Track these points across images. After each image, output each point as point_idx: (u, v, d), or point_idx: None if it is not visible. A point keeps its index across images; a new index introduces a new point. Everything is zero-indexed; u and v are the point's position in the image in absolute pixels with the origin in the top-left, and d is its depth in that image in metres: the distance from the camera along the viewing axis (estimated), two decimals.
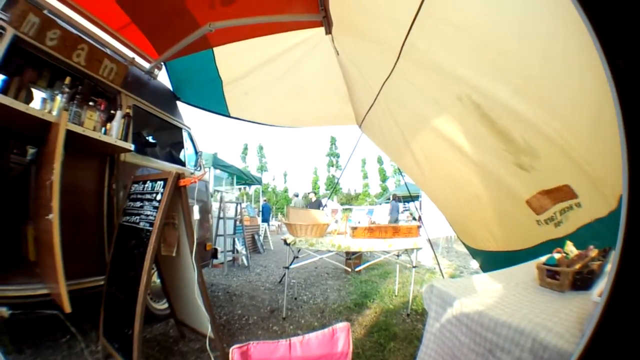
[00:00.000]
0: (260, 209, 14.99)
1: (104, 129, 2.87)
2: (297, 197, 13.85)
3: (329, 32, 3.31)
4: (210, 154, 9.28)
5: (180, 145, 4.60)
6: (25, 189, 2.94)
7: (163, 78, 4.30)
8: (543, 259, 1.71)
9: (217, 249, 5.06)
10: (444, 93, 2.47)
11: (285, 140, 66.93)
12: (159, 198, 2.27)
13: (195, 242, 2.30)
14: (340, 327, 1.55)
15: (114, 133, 2.91)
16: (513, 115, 2.05)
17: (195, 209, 2.52)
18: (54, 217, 2.11)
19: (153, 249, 2.13)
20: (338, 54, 3.58)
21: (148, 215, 2.31)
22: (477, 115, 2.29)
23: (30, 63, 2.60)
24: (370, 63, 3.17)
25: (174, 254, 2.46)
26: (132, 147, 3.09)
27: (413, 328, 3.37)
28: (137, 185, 2.61)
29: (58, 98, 2.48)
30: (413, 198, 8.34)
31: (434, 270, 6.46)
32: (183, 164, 4.47)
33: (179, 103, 4.62)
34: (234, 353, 1.33)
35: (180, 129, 4.44)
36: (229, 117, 5.01)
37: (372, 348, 2.89)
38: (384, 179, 36.87)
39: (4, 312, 2.06)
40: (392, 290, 4.94)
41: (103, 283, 2.66)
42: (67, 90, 2.55)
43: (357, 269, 6.00)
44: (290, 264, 4.07)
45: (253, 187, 20.15)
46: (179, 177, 2.28)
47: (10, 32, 2.22)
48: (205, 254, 4.45)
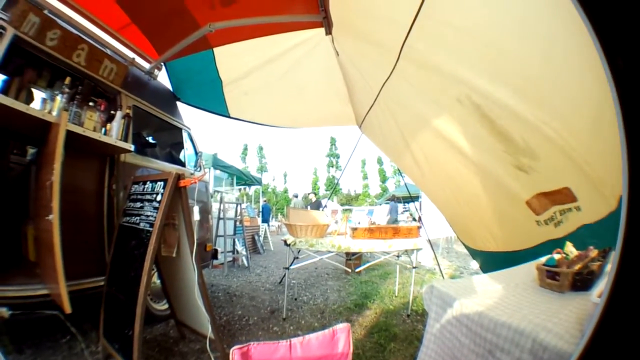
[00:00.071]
0: (260, 210, 14.98)
1: (104, 130, 2.87)
2: (296, 197, 13.87)
3: (329, 32, 3.31)
4: (210, 155, 9.28)
5: (180, 146, 4.60)
6: (26, 189, 2.94)
7: (163, 78, 4.32)
8: (543, 260, 1.71)
9: (217, 250, 5.06)
10: (444, 94, 2.47)
11: (285, 141, 66.91)
12: (159, 199, 2.27)
13: (196, 242, 2.30)
14: (341, 327, 1.55)
15: (114, 133, 2.91)
16: (513, 116, 2.05)
17: (196, 210, 2.52)
18: (54, 217, 2.11)
19: (153, 250, 2.13)
20: (338, 55, 3.58)
21: (148, 216, 2.31)
22: (476, 116, 2.29)
23: (31, 63, 2.60)
24: (370, 64, 3.17)
25: (174, 255, 2.46)
26: (132, 147, 3.10)
27: (413, 329, 3.37)
28: (137, 186, 2.61)
29: (58, 98, 2.48)
30: (413, 199, 8.33)
31: (434, 271, 6.46)
32: (183, 165, 4.47)
33: (179, 103, 4.62)
34: (235, 354, 1.33)
35: (180, 130, 4.44)
36: (229, 117, 5.01)
37: (372, 349, 2.89)
38: (384, 180, 36.90)
39: (4, 312, 2.06)
40: (392, 291, 4.94)
41: (103, 283, 2.66)
42: (67, 91, 2.55)
43: (357, 270, 6.00)
44: (291, 265, 4.06)
45: (253, 187, 20.13)
46: (179, 177, 2.28)
47: (11, 32, 2.22)
48: (206, 255, 4.45)
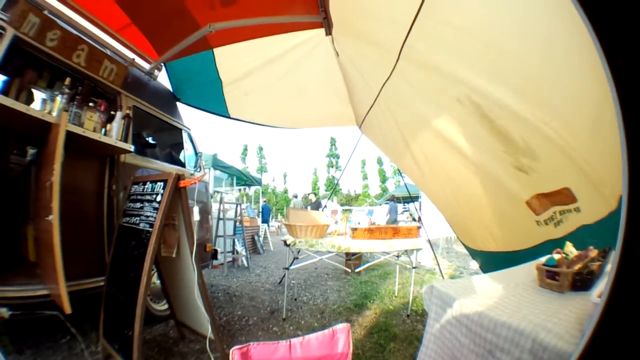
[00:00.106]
0: (260, 210, 14.98)
1: (104, 130, 2.87)
2: (296, 198, 13.85)
3: (329, 33, 3.31)
4: (210, 155, 9.28)
5: (180, 146, 4.61)
6: (26, 190, 2.94)
7: (163, 79, 4.32)
8: (543, 260, 1.71)
9: (217, 250, 5.05)
10: (444, 94, 2.47)
11: (285, 141, 66.86)
12: (159, 199, 2.27)
13: (195, 243, 2.30)
14: (340, 328, 1.55)
15: (114, 134, 2.91)
16: (513, 116, 2.05)
17: (195, 210, 2.52)
18: (54, 218, 2.11)
19: (153, 250, 2.13)
20: (338, 55, 3.58)
21: (148, 216, 2.31)
22: (476, 116, 2.29)
23: (31, 64, 2.60)
24: (370, 64, 3.17)
25: (174, 255, 2.45)
26: (132, 148, 3.10)
27: (413, 329, 3.37)
28: (137, 186, 2.61)
29: (58, 99, 2.48)
30: (413, 199, 8.34)
31: (434, 271, 6.46)
32: (183, 165, 4.48)
33: (179, 104, 4.62)
34: (234, 354, 1.33)
35: (180, 130, 4.44)
36: (229, 118, 5.01)
37: (372, 349, 2.89)
38: (384, 180, 36.91)
39: (4, 312, 2.06)
40: (392, 291, 4.94)
41: (103, 284, 2.66)
42: (67, 91, 2.55)
43: (357, 270, 5.99)
44: (290, 265, 4.06)
45: (253, 188, 20.13)
46: (179, 178, 2.28)
47: (11, 32, 2.22)
48: (205, 255, 4.45)
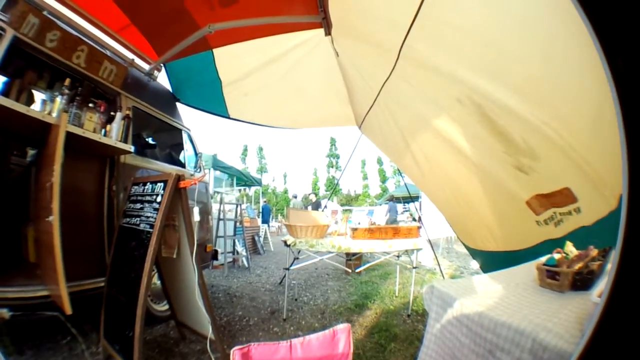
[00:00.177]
0: (260, 210, 14.98)
1: (104, 131, 2.87)
2: (295, 198, 13.83)
3: (329, 33, 3.31)
4: (210, 155, 9.28)
5: (180, 147, 4.60)
6: (26, 191, 2.94)
7: (163, 79, 4.32)
8: (543, 260, 1.71)
9: (217, 251, 5.05)
10: (444, 94, 2.47)
11: (285, 142, 66.85)
12: (159, 200, 2.26)
13: (196, 243, 2.30)
14: (341, 328, 1.55)
15: (114, 135, 2.91)
16: (513, 116, 2.05)
17: (196, 211, 2.52)
18: (54, 218, 2.11)
19: (153, 251, 2.13)
20: (338, 55, 3.58)
21: (148, 217, 2.31)
22: (477, 116, 2.29)
23: (31, 65, 2.60)
24: (370, 64, 3.17)
25: (175, 256, 2.45)
26: (132, 148, 3.10)
27: (414, 329, 3.37)
28: (137, 187, 2.61)
29: (58, 100, 2.48)
30: (413, 199, 8.34)
31: (435, 271, 6.46)
32: (183, 166, 4.47)
33: (179, 104, 4.62)
34: (235, 354, 1.33)
35: (180, 131, 4.44)
36: (229, 118, 5.01)
37: (372, 349, 2.89)
38: (384, 180, 36.90)
39: (5, 313, 2.06)
40: (392, 291, 4.94)
41: (103, 285, 2.66)
42: (67, 92, 2.55)
43: (357, 270, 5.99)
44: (291, 265, 4.06)
45: (253, 188, 20.12)
46: (179, 178, 2.27)
47: (10, 33, 2.22)
48: (206, 256, 4.45)
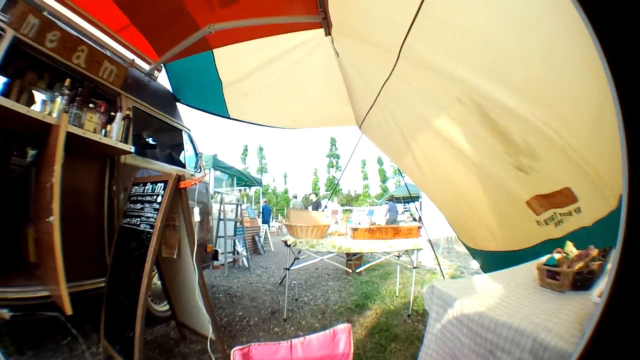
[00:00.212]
0: (261, 211, 14.97)
1: (104, 131, 2.87)
2: (295, 198, 13.81)
3: (329, 33, 3.31)
4: (210, 156, 9.27)
5: (180, 147, 4.61)
6: (26, 191, 2.94)
7: (163, 80, 4.32)
8: (543, 260, 1.71)
9: (217, 251, 5.04)
10: (444, 94, 2.47)
11: (285, 142, 66.85)
12: (160, 200, 2.26)
13: (196, 244, 2.29)
14: (341, 328, 1.55)
15: (114, 135, 2.91)
16: (513, 116, 2.05)
17: (196, 211, 2.52)
18: (55, 219, 2.11)
19: (154, 251, 2.13)
20: (338, 56, 3.58)
21: (149, 217, 2.31)
22: (477, 116, 2.29)
23: (31, 65, 2.60)
24: (370, 64, 3.17)
25: (175, 256, 2.45)
26: (132, 149, 3.10)
27: (414, 329, 3.36)
28: (137, 187, 2.61)
29: (58, 100, 2.48)
30: (413, 199, 8.34)
31: (435, 271, 6.46)
32: (183, 166, 4.48)
33: (179, 105, 4.62)
34: (236, 355, 1.33)
35: (180, 131, 4.44)
36: (229, 118, 5.01)
37: (373, 349, 2.89)
38: (384, 180, 36.88)
39: (5, 314, 2.06)
40: (392, 291, 4.94)
41: (104, 285, 2.66)
42: (67, 92, 2.55)
43: (357, 270, 5.99)
44: (291, 266, 4.06)
45: (253, 188, 20.13)
46: (180, 179, 2.27)
47: (10, 33, 2.22)
48: (206, 256, 4.45)
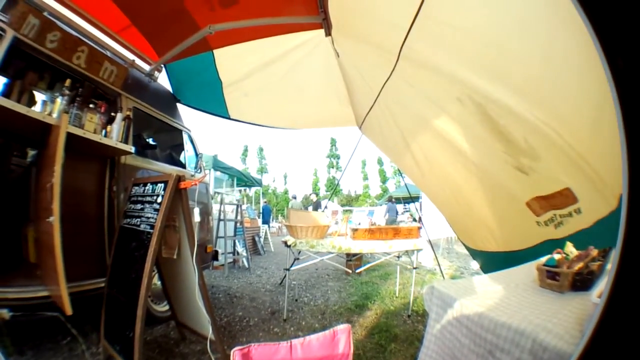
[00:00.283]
0: (261, 211, 14.96)
1: (105, 132, 2.87)
2: (294, 199, 13.77)
3: (329, 34, 3.31)
4: (211, 156, 9.27)
5: (181, 147, 4.61)
6: (26, 192, 2.94)
7: (163, 80, 4.33)
8: (543, 260, 1.71)
9: (217, 251, 5.05)
10: (444, 94, 2.47)
11: (286, 142, 66.89)
12: (160, 200, 2.26)
13: (196, 244, 2.29)
14: (341, 328, 1.55)
15: (115, 135, 2.91)
16: (513, 116, 2.05)
17: (196, 211, 2.52)
18: (55, 219, 2.10)
19: (154, 252, 2.12)
20: (338, 56, 3.58)
21: (149, 218, 2.31)
22: (477, 116, 2.29)
23: (31, 65, 2.60)
24: (370, 65, 3.17)
25: (175, 256, 2.45)
26: (132, 149, 3.10)
27: (414, 329, 3.36)
28: (137, 188, 2.61)
29: (58, 100, 2.48)
30: (413, 199, 8.33)
31: (435, 272, 6.46)
32: (183, 166, 4.48)
33: (179, 105, 4.62)
34: (235, 355, 1.33)
35: (181, 131, 4.44)
36: (229, 119, 5.02)
37: (372, 349, 2.89)
38: (384, 180, 36.89)
39: (5, 314, 2.06)
40: (392, 292, 4.93)
41: (104, 285, 2.65)
42: (67, 93, 2.55)
43: (357, 271, 5.98)
44: (291, 266, 4.06)
45: (253, 188, 20.13)
46: (180, 179, 2.27)
47: (11, 33, 2.22)
48: (206, 256, 4.45)
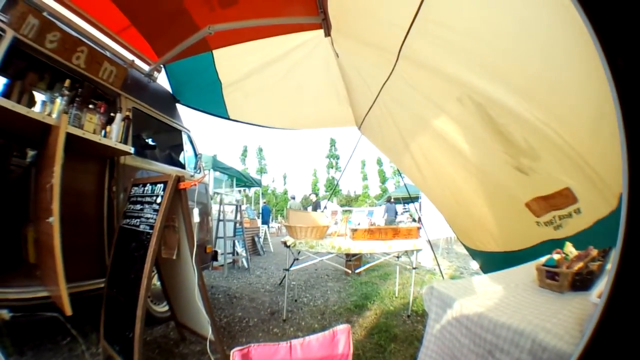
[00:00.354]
0: (260, 211, 14.95)
1: (104, 132, 2.86)
2: (293, 199, 13.74)
3: (329, 34, 3.31)
4: (210, 156, 9.27)
5: (180, 148, 4.61)
6: (26, 192, 2.93)
7: (162, 81, 4.32)
8: (542, 260, 1.71)
9: (217, 252, 5.05)
10: (444, 94, 2.47)
11: (285, 142, 66.88)
12: (159, 201, 2.26)
13: (196, 244, 2.29)
14: (341, 329, 1.55)
15: (114, 136, 2.90)
16: (513, 116, 2.05)
17: (195, 212, 2.51)
18: (55, 220, 2.10)
19: (153, 252, 2.12)
20: (337, 56, 3.58)
21: (148, 218, 2.31)
22: (477, 116, 2.29)
23: (31, 66, 2.60)
24: (369, 65, 3.17)
25: (174, 257, 2.45)
26: (131, 149, 3.10)
27: (413, 329, 3.36)
28: (137, 188, 2.60)
29: (58, 101, 2.47)
30: (413, 199, 8.34)
31: (434, 272, 6.45)
32: (183, 167, 4.47)
33: (179, 105, 4.62)
34: (235, 355, 1.33)
35: (180, 132, 4.44)
36: (229, 119, 5.02)
37: (372, 350, 2.88)
38: (384, 181, 36.93)
39: (5, 314, 2.06)
40: (392, 292, 4.93)
41: (103, 286, 2.65)
42: (66, 93, 2.54)
43: (357, 271, 5.97)
44: (290, 266, 4.05)
45: (253, 189, 20.13)
46: (179, 180, 2.27)
47: (10, 33, 2.22)
48: (206, 257, 4.44)
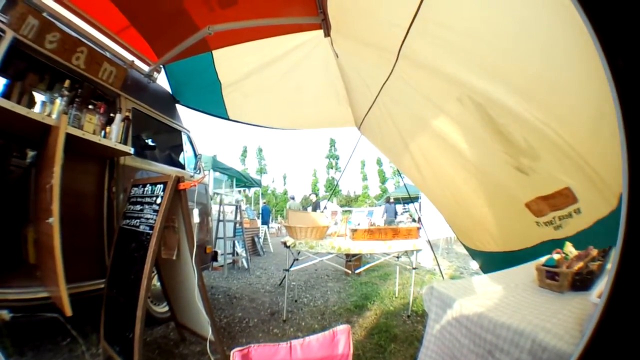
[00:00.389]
0: (260, 212, 14.95)
1: (104, 132, 2.86)
2: (293, 199, 13.73)
3: (328, 34, 3.31)
4: (210, 157, 9.27)
5: (180, 148, 4.60)
6: (25, 193, 2.93)
7: (162, 81, 4.33)
8: (542, 260, 1.71)
9: (217, 252, 5.05)
10: (444, 94, 2.47)
11: (285, 143, 66.85)
12: (159, 201, 2.26)
13: (195, 245, 2.29)
14: (341, 329, 1.55)
15: (114, 136, 2.90)
16: (513, 116, 2.05)
17: (195, 212, 2.51)
18: (55, 220, 2.10)
19: (153, 252, 2.12)
20: (337, 57, 3.58)
21: (148, 219, 2.31)
22: (476, 116, 2.29)
23: (31, 66, 2.60)
24: (369, 65, 3.17)
25: (174, 257, 2.45)
26: (131, 150, 3.10)
27: (413, 329, 3.36)
28: (136, 189, 2.60)
29: (57, 101, 2.47)
30: (412, 199, 8.34)
31: (434, 272, 6.46)
32: (182, 167, 4.47)
33: (178, 106, 4.63)
34: (235, 356, 1.33)
35: (180, 132, 4.44)
36: (228, 119, 5.02)
37: (372, 350, 2.88)
38: (384, 181, 36.94)
39: (5, 315, 2.05)
40: (392, 292, 4.94)
41: (103, 286, 2.65)
42: (66, 94, 2.54)
43: (357, 271, 5.97)
44: (290, 267, 4.05)
45: (252, 189, 20.14)
46: (179, 180, 2.27)
47: (10, 34, 2.22)
48: (205, 257, 4.44)
